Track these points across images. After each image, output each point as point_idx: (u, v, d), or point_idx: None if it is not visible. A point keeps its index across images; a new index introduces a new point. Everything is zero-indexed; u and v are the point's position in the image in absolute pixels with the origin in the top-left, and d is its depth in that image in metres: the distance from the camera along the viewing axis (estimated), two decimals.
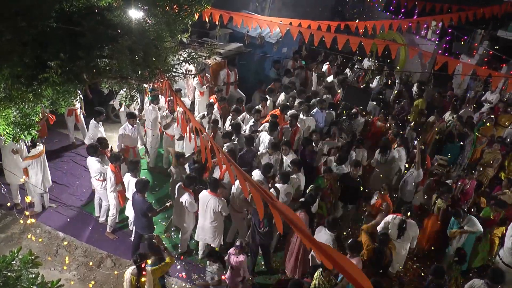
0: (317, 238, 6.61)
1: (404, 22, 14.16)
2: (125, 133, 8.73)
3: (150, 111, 9.41)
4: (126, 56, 4.05)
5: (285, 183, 7.43)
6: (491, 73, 10.86)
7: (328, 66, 13.91)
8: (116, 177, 7.47)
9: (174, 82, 5.32)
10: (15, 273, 3.38)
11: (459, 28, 15.37)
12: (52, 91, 3.79)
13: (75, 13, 3.95)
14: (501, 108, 12.24)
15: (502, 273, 6.40)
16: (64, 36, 3.83)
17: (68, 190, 8.94)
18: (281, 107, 10.06)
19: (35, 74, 3.68)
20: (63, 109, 4.23)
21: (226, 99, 10.60)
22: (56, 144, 10.28)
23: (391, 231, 7.16)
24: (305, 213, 6.88)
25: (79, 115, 10.04)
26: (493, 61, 15.27)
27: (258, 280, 7.48)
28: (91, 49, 3.96)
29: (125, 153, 8.74)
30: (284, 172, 7.77)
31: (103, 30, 4.01)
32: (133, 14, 4.29)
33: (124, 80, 4.40)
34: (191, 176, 7.33)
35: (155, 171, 9.90)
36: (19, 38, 3.52)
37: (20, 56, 3.54)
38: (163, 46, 4.59)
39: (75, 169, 9.58)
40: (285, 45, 13.95)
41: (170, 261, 5.93)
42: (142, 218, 6.93)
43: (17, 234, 7.69)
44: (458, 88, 14.66)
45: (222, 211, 6.97)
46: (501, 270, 6.68)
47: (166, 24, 4.52)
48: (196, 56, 5.15)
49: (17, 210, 7.93)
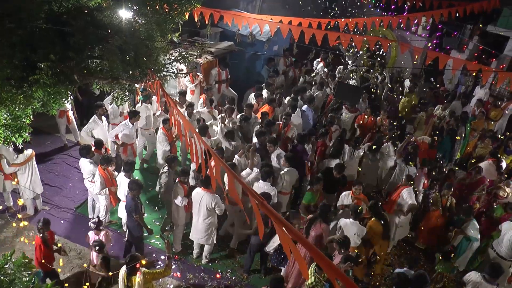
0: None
1: (394, 18, 14.22)
2: (124, 130, 8.72)
3: (143, 110, 9.37)
4: (117, 56, 4.03)
5: (265, 181, 7.40)
6: (481, 67, 10.94)
7: (323, 62, 13.96)
8: (105, 180, 7.43)
9: (165, 81, 5.30)
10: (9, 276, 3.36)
11: (449, 24, 15.46)
12: (43, 93, 3.76)
13: (65, 13, 3.93)
14: (491, 102, 12.35)
15: (500, 267, 6.43)
16: (54, 37, 3.81)
17: (61, 192, 8.89)
18: (268, 101, 10.22)
19: (25, 76, 3.66)
20: (54, 110, 4.20)
21: (214, 102, 10.50)
22: (48, 146, 10.22)
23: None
24: (326, 224, 6.85)
25: (71, 117, 9.98)
26: (483, 56, 15.39)
27: (252, 281, 7.49)
28: (82, 50, 3.94)
29: (124, 150, 8.76)
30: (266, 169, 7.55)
31: (93, 30, 3.99)
32: (123, 14, 4.27)
33: (115, 80, 4.38)
34: (185, 170, 7.36)
35: (149, 170, 9.90)
36: (8, 40, 3.49)
37: (9, 57, 3.51)
38: (153, 45, 4.58)
39: (67, 171, 9.52)
40: (276, 43, 13.95)
41: (165, 272, 5.94)
42: (132, 218, 6.93)
43: (10, 237, 7.64)
44: (449, 83, 14.76)
45: (217, 206, 6.94)
46: (499, 264, 6.70)
47: (157, 23, 4.51)
48: (187, 56, 5.14)
49: (10, 214, 7.89)
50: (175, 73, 5.26)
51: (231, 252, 7.96)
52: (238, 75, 13.05)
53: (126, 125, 8.75)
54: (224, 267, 7.66)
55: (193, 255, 7.72)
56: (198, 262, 7.62)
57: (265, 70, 13.20)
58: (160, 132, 8.83)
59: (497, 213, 8.21)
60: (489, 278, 6.26)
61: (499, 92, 13.91)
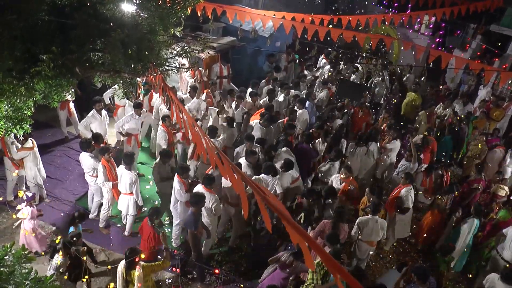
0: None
1: (397, 16, 14.18)
2: (131, 121, 8.79)
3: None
4: (119, 50, 4.02)
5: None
6: (484, 67, 10.91)
7: (326, 59, 13.94)
8: (108, 171, 7.42)
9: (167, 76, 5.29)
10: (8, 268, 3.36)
11: (452, 23, 15.42)
12: (44, 85, 3.75)
13: (67, 6, 3.91)
14: (492, 102, 12.34)
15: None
16: (56, 29, 3.80)
17: (61, 184, 8.90)
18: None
19: (27, 68, 3.65)
20: (55, 103, 4.20)
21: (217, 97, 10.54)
22: (48, 138, 10.23)
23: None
24: (347, 225, 6.90)
25: (72, 109, 9.98)
26: (486, 55, 15.36)
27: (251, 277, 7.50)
28: (84, 43, 3.93)
29: (128, 141, 8.82)
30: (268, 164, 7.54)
31: (95, 23, 3.98)
32: (126, 7, 4.25)
33: (117, 74, 4.37)
34: (184, 166, 7.36)
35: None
36: (9, 31, 3.49)
37: (10, 49, 3.50)
38: (156, 40, 4.56)
39: (68, 163, 9.53)
40: (278, 39, 13.92)
41: (163, 264, 5.94)
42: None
43: (10, 229, 7.65)
44: (451, 82, 14.75)
45: (214, 207, 6.94)
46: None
47: (159, 17, 4.49)
48: (189, 50, 5.12)
49: (10, 205, 7.90)
50: (177, 67, 5.25)
51: (230, 248, 7.97)
52: (240, 70, 13.03)
53: (133, 116, 8.80)
54: (223, 263, 7.67)
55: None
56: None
57: (266, 66, 13.19)
58: (160, 129, 8.75)
59: (501, 216, 8.08)
60: (506, 285, 6.19)
61: (502, 92, 13.88)
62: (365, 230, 6.97)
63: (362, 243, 7.12)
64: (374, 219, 6.98)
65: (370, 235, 7.00)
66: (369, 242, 7.12)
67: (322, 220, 6.95)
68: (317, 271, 5.78)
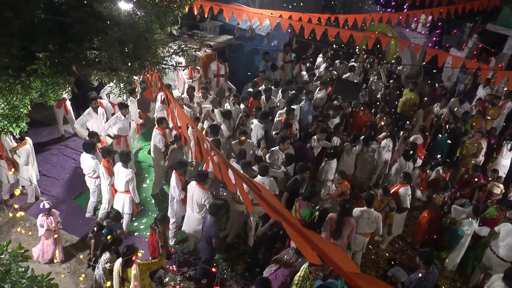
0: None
1: (394, 15, 14.20)
2: (117, 123, 8.60)
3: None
4: (116, 48, 4.02)
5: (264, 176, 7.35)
6: (480, 66, 10.96)
7: (323, 57, 13.95)
8: (109, 171, 7.42)
9: (164, 74, 5.29)
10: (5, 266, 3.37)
11: (448, 22, 15.46)
12: (41, 83, 3.76)
13: (64, 4, 3.91)
14: (488, 101, 12.39)
15: None
16: (53, 27, 3.79)
17: (58, 183, 8.88)
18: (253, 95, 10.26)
19: (23, 66, 3.64)
20: (52, 101, 4.19)
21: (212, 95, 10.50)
22: (45, 136, 10.20)
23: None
24: (352, 217, 6.91)
25: (68, 107, 9.95)
26: (482, 54, 15.40)
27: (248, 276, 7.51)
28: (81, 41, 3.93)
29: (117, 142, 8.71)
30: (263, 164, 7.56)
31: (92, 21, 3.98)
32: (123, 6, 4.25)
33: (113, 72, 4.37)
34: (182, 161, 7.37)
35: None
36: (6, 29, 3.48)
37: (7, 47, 3.49)
38: (153, 38, 4.56)
39: (64, 162, 9.50)
40: (275, 37, 13.92)
41: (160, 261, 5.93)
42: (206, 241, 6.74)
43: (6, 227, 7.63)
44: (448, 81, 14.79)
45: (207, 203, 6.84)
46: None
47: (156, 16, 4.49)
48: (186, 49, 5.13)
49: (6, 204, 7.88)
50: (173, 65, 5.25)
51: (227, 247, 7.97)
52: (237, 69, 13.03)
53: (118, 117, 8.61)
54: (220, 261, 7.68)
55: (189, 248, 7.72)
56: (194, 255, 7.63)
57: (261, 64, 13.18)
58: (155, 132, 8.52)
59: (488, 213, 8.14)
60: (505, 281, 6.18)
61: (497, 90, 13.93)
62: (360, 222, 7.03)
63: (357, 235, 7.14)
64: (369, 211, 7.05)
65: (365, 227, 7.09)
66: (364, 234, 7.18)
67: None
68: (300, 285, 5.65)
